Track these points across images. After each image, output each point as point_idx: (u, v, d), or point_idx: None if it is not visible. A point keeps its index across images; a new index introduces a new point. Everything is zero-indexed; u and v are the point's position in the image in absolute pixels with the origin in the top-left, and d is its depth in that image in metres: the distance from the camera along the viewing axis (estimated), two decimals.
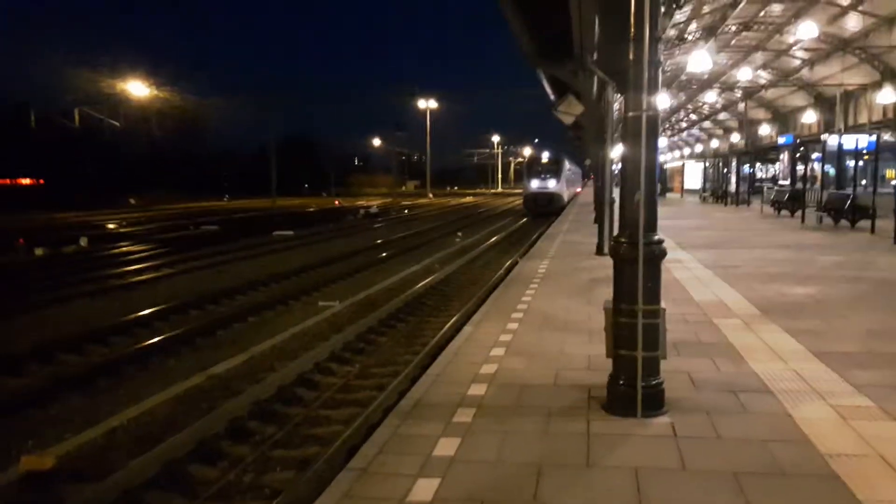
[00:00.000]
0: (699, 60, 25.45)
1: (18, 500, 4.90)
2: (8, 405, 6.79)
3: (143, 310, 11.12)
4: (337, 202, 58.14)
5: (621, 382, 4.60)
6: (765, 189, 33.96)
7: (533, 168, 40.34)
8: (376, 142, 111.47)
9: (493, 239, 23.76)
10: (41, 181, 61.81)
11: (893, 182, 21.26)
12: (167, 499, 4.91)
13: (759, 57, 42.52)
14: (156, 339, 9.21)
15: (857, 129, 35.77)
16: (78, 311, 11.94)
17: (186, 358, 8.85)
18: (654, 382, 4.57)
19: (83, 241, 23.45)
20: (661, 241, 4.55)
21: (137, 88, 45.69)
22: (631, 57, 4.44)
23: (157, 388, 7.30)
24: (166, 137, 69.01)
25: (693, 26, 34.77)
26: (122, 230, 31.24)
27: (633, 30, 4.40)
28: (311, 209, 47.97)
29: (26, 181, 62.01)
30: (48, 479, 5.11)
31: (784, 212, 24.62)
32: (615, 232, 4.83)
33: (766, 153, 46.72)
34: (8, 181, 59.26)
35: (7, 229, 27.07)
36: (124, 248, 22.53)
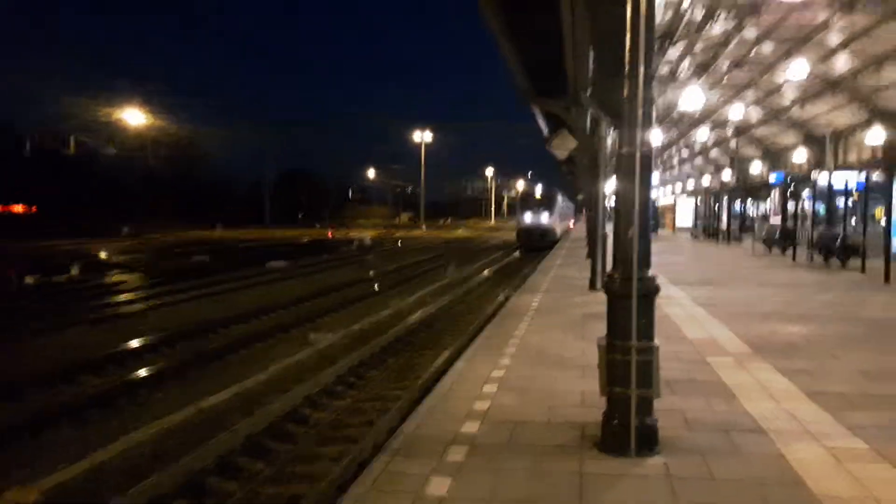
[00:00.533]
0: (691, 97, 25.82)
1: None
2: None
3: (134, 340, 11.03)
4: (330, 233, 58.14)
5: (615, 421, 4.57)
6: (756, 226, 34.22)
7: (527, 202, 40.63)
8: (371, 173, 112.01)
9: (486, 272, 23.77)
10: (34, 208, 61.70)
11: (882, 221, 21.47)
12: None
13: (750, 95, 43.08)
14: (145, 372, 9.12)
15: (846, 167, 36.18)
16: (68, 340, 11.84)
17: (176, 391, 8.76)
18: (647, 422, 4.54)
19: (74, 270, 23.36)
20: (654, 278, 4.57)
21: (134, 116, 45.96)
22: (625, 94, 4.49)
23: (147, 421, 7.22)
24: (162, 166, 69.15)
25: (685, 63, 35.29)
26: (113, 259, 31.11)
27: (627, 67, 4.46)
28: (305, 240, 47.92)
29: (19, 208, 61.88)
30: None
31: (775, 249, 24.75)
32: (608, 267, 4.84)
33: (758, 190, 47.13)
34: (1, 208, 59.12)
35: None
36: (115, 278, 22.42)
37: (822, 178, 25.70)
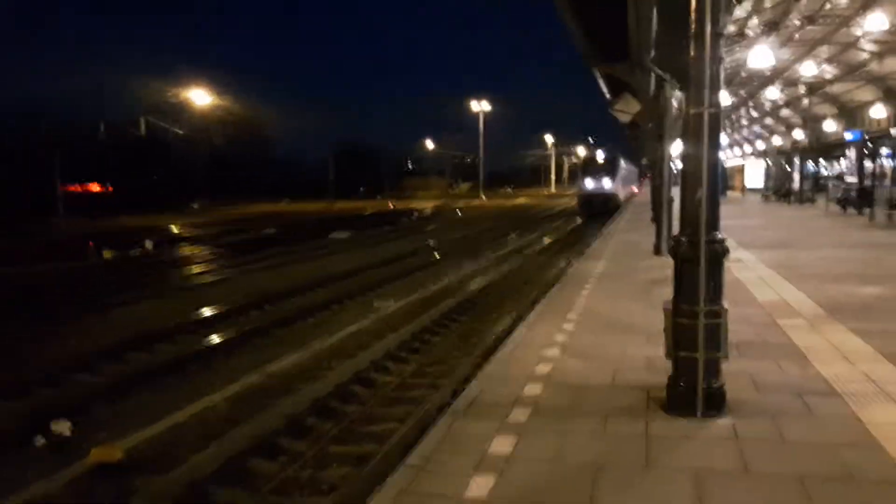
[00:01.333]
0: (761, 56, 24.78)
1: (88, 490, 5.11)
2: (82, 401, 7.08)
3: (205, 309, 11.44)
4: (391, 205, 58.62)
5: (681, 384, 4.50)
6: (830, 187, 32.79)
7: (588, 168, 39.91)
8: (430, 144, 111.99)
9: (547, 240, 23.59)
10: (110, 188, 64.18)
11: None
12: (229, 492, 5.04)
13: (823, 51, 41.03)
14: (217, 339, 9.46)
15: None
16: (143, 311, 12.37)
17: (246, 357, 9.06)
18: (715, 384, 4.47)
19: (148, 245, 24.28)
20: (723, 240, 4.45)
21: (200, 97, 47.10)
22: (692, 54, 4.37)
23: (219, 386, 7.51)
24: (227, 144, 70.87)
25: (754, 21, 33.81)
26: (184, 234, 32.19)
27: (693, 26, 4.33)
28: (367, 212, 48.49)
29: (96, 188, 64.46)
30: (117, 470, 5.31)
31: (851, 210, 23.71)
32: (674, 232, 4.74)
33: (832, 150, 45.12)
34: (79, 188, 61.65)
35: (78, 233, 28.21)
36: (187, 251, 23.21)
37: None
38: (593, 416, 4.56)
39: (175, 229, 34.71)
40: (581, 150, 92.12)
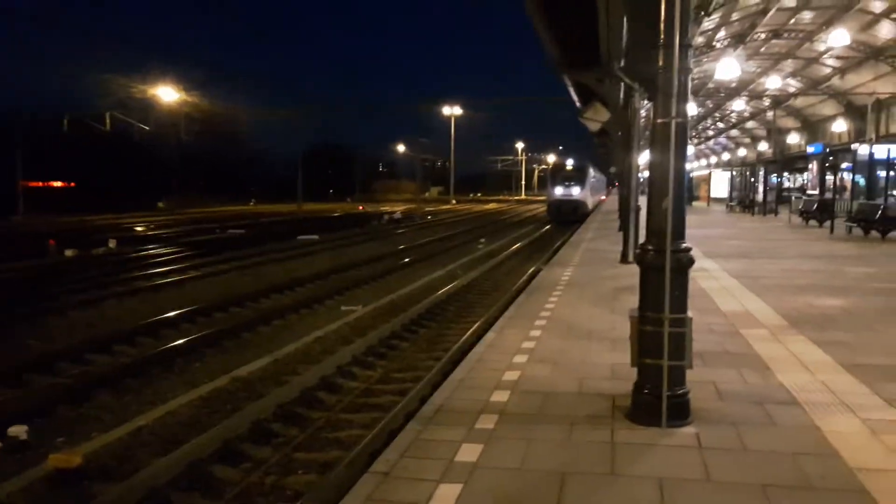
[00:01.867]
0: (727, 68, 25.25)
1: (47, 496, 4.98)
2: (40, 405, 6.91)
3: (169, 311, 11.26)
4: (361, 207, 58.43)
5: (646, 391, 4.55)
6: (793, 199, 33.53)
7: (557, 175, 40.18)
8: (401, 148, 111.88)
9: (516, 246, 23.70)
10: (73, 184, 62.93)
11: None
12: (191, 498, 4.96)
13: (788, 65, 42.02)
14: (181, 341, 9.31)
15: (888, 138, 35.16)
16: (106, 311, 12.13)
17: (211, 360, 8.94)
18: (679, 392, 4.52)
19: (112, 244, 23.83)
20: (688, 249, 4.51)
21: (167, 93, 46.38)
22: (660, 63, 4.41)
23: (183, 390, 7.39)
24: (195, 142, 69.86)
25: (722, 34, 34.47)
26: (150, 233, 31.68)
27: (662, 36, 4.38)
28: (336, 214, 48.25)
29: (58, 184, 63.15)
30: (75, 476, 5.19)
31: (812, 222, 24.27)
32: (640, 240, 4.79)
33: (795, 162, 46.15)
34: (41, 184, 60.36)
35: (39, 231, 27.60)
36: (152, 251, 22.84)
37: (862, 148, 25.00)
38: (560, 423, 4.58)
39: (140, 228, 34.14)
40: (551, 158, 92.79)
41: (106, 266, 18.40)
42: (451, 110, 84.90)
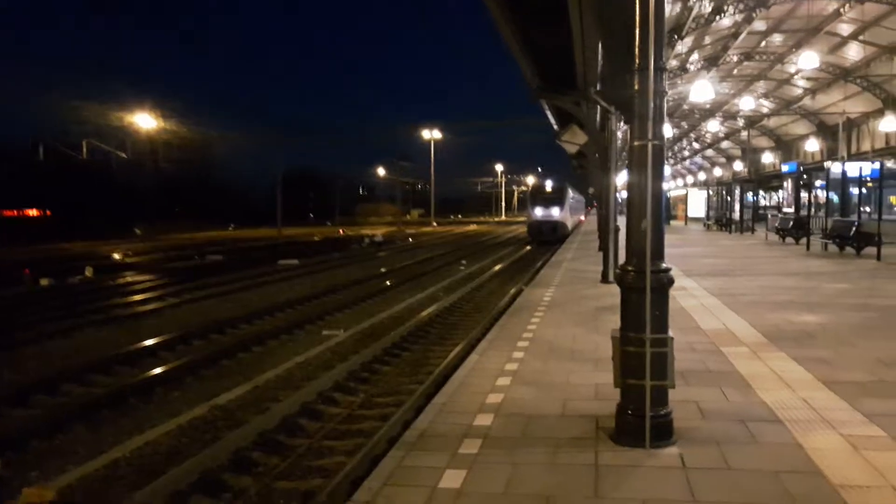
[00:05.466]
0: (701, 89, 25.65)
1: None
2: (13, 437, 6.74)
3: (148, 340, 11.10)
4: (341, 231, 58.25)
5: (629, 412, 4.55)
6: (769, 217, 33.98)
7: (537, 196, 40.48)
8: (381, 171, 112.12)
9: (498, 267, 23.74)
10: (48, 213, 62.15)
11: None
12: None
13: (761, 86, 42.87)
14: (160, 370, 9.17)
15: (860, 156, 35.89)
16: (83, 341, 11.92)
17: (191, 388, 8.80)
18: (662, 412, 4.52)
19: (88, 272, 23.51)
20: (668, 269, 4.54)
21: (145, 121, 46.25)
22: (636, 87, 4.48)
23: (162, 419, 7.26)
24: (173, 169, 69.46)
25: (695, 56, 35.10)
26: (127, 260, 31.32)
27: (637, 60, 4.45)
28: (316, 238, 48.04)
29: (33, 212, 62.35)
30: None
31: (789, 239, 24.60)
32: (620, 260, 4.82)
33: (770, 181, 46.86)
34: (15, 213, 59.58)
35: (14, 260, 27.18)
36: (129, 279, 22.56)
37: (835, 167, 25.46)
38: (544, 446, 4.55)
39: (117, 255, 33.75)
40: (530, 179, 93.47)
41: (82, 294, 18.13)
42: (431, 133, 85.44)
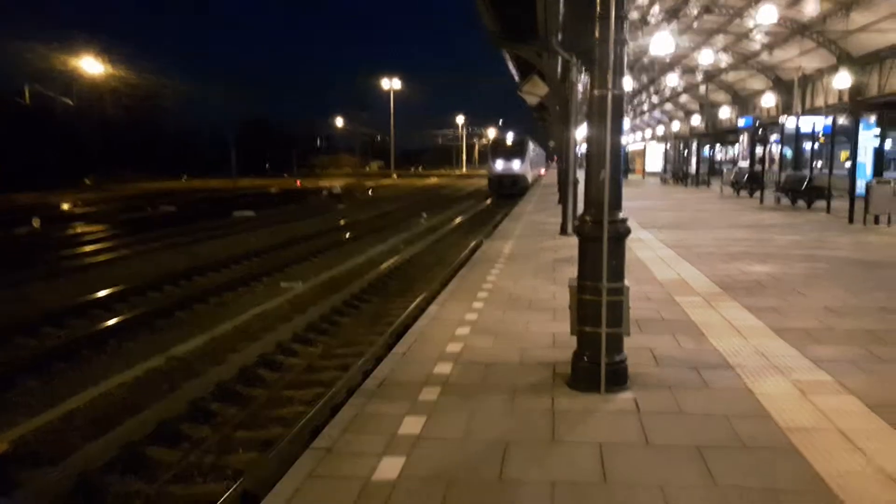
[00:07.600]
0: (662, 42, 25.62)
1: None
2: None
3: (100, 292, 10.86)
4: (299, 183, 57.41)
5: (585, 359, 4.62)
6: (724, 171, 34.54)
7: (498, 150, 40.37)
8: (339, 122, 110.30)
9: (458, 220, 23.74)
10: None
11: (847, 164, 21.81)
12: (126, 483, 4.80)
13: (720, 40, 42.98)
14: (113, 321, 8.99)
15: (813, 111, 36.48)
16: (32, 293, 11.59)
17: (145, 340, 8.66)
18: (617, 359, 4.61)
19: (36, 223, 22.79)
20: (625, 220, 4.57)
21: (91, 65, 44.41)
22: (597, 35, 4.43)
23: (116, 371, 7.15)
24: (122, 116, 67.12)
25: (656, 9, 34.95)
26: (76, 211, 30.43)
27: (598, 8, 4.39)
28: (273, 190, 47.29)
29: None
30: (1, 463, 4.96)
31: (743, 193, 25.08)
32: (579, 212, 4.84)
33: (726, 135, 47.45)
34: None
35: None
36: (79, 230, 21.96)
37: (789, 122, 25.88)
38: (502, 393, 4.61)
39: (67, 206, 32.76)
40: (492, 132, 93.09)
41: (30, 246, 17.59)
42: (391, 83, 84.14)
